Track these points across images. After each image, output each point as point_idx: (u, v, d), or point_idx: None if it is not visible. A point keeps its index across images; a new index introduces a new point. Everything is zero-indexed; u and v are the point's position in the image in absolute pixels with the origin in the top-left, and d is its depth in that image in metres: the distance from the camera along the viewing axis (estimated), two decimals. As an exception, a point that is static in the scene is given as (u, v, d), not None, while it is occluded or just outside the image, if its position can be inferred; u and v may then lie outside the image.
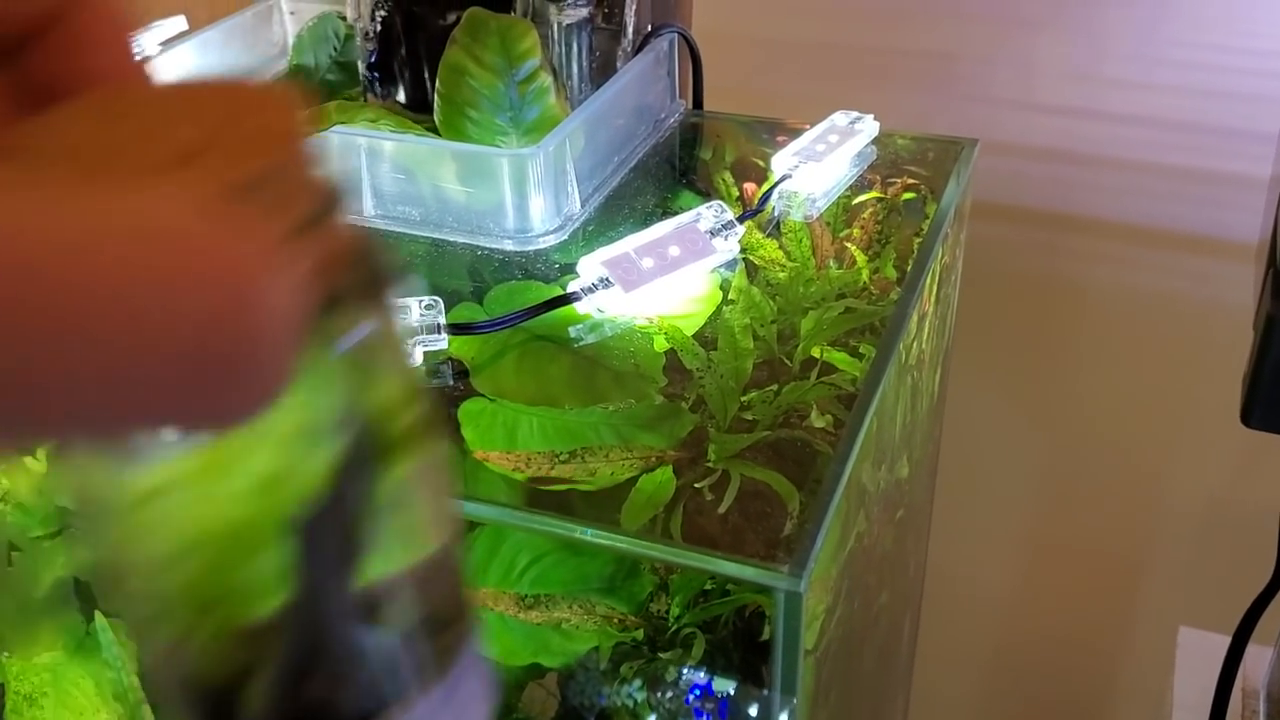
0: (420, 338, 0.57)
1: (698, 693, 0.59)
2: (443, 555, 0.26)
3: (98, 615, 0.72)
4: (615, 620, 0.58)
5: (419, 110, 0.78)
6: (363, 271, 0.22)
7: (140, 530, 0.22)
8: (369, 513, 0.23)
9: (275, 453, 0.22)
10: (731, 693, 0.58)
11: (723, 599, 0.56)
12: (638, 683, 0.61)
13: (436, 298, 0.59)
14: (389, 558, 0.24)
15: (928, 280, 0.66)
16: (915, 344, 0.67)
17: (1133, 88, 0.94)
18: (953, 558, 1.10)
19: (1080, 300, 1.01)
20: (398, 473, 0.24)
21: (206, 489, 0.22)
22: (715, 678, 0.58)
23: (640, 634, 0.57)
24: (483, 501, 0.52)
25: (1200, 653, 0.97)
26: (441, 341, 0.58)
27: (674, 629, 0.57)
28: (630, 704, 0.61)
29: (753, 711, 0.57)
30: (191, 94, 0.21)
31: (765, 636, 0.53)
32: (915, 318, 0.64)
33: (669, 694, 0.60)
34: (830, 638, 0.56)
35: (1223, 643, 0.95)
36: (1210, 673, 0.92)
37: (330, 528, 0.23)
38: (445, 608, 0.27)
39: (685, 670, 0.58)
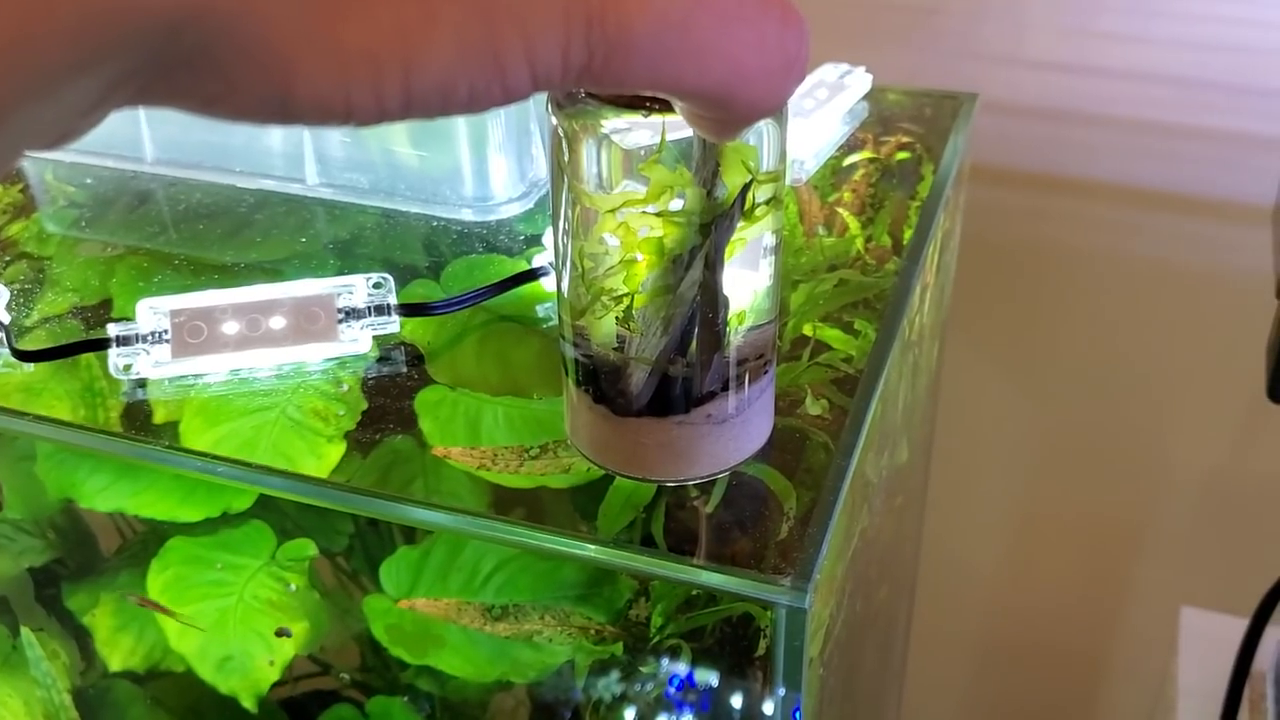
0: (368, 320, 0.51)
1: (678, 683, 0.54)
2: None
3: (24, 630, 0.66)
4: (591, 631, 0.52)
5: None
6: None
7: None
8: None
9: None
10: (714, 684, 0.53)
11: (710, 608, 0.50)
12: (615, 674, 0.55)
13: (386, 275, 0.53)
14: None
15: (930, 249, 0.60)
16: (918, 318, 0.61)
17: (1130, 41, 0.89)
18: (946, 536, 1.05)
19: (1076, 267, 0.96)
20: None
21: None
22: (697, 670, 0.53)
23: (619, 647, 0.52)
24: (442, 509, 0.46)
25: (1203, 634, 0.93)
26: (393, 324, 0.52)
27: (656, 639, 0.52)
28: (608, 697, 0.56)
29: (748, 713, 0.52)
30: None
31: (761, 651, 0.48)
32: (918, 290, 0.58)
33: (649, 685, 0.54)
34: (833, 642, 0.50)
35: (1227, 623, 0.91)
36: (1214, 654, 0.88)
37: (722, 242, 0.37)
38: (765, 344, 0.42)
39: (665, 659, 0.53)
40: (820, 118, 0.66)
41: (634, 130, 0.36)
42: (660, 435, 0.41)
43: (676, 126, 0.35)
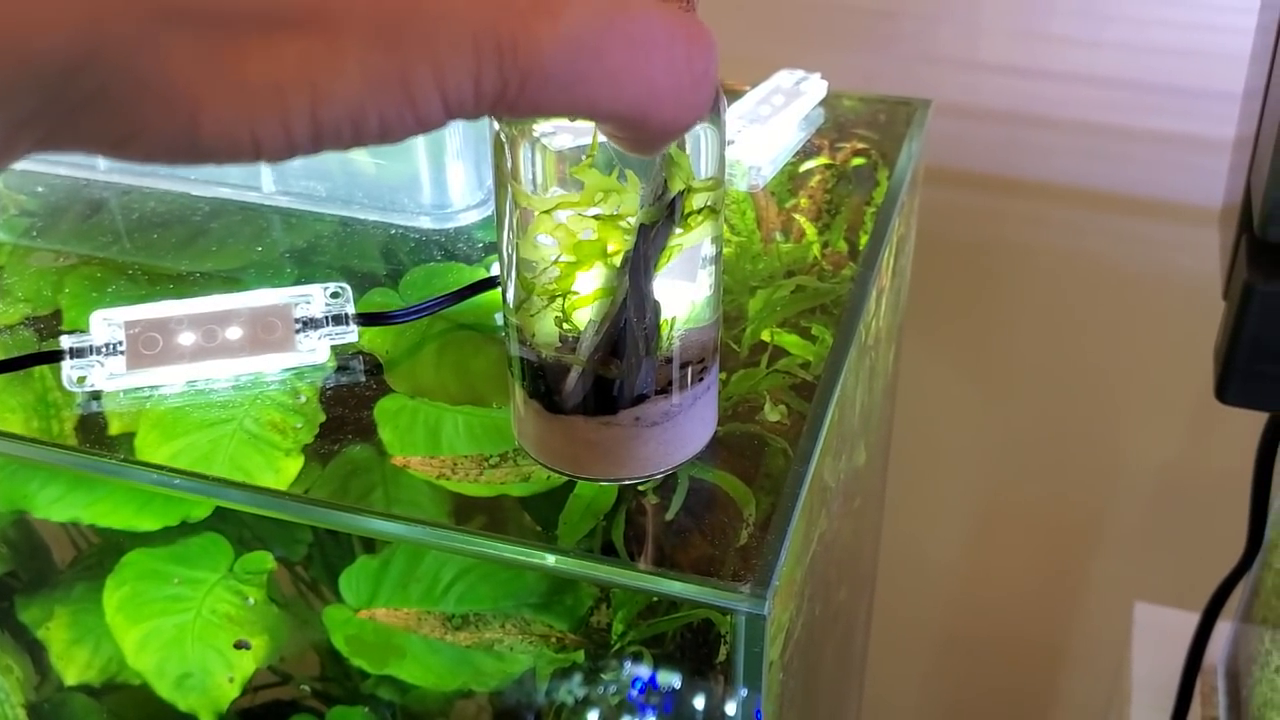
0: (326, 330, 0.51)
1: (640, 687, 0.54)
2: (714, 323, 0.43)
3: (-24, 643, 0.65)
4: (553, 640, 0.52)
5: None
6: None
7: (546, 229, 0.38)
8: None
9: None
10: (676, 688, 0.53)
11: (671, 615, 0.51)
12: (577, 678, 0.56)
13: (344, 284, 0.52)
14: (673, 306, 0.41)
15: (885, 254, 0.61)
16: (874, 322, 0.62)
17: (1083, 45, 0.90)
18: (902, 533, 1.06)
19: (1030, 267, 0.97)
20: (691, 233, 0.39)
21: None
22: (660, 672, 0.53)
23: (581, 655, 0.52)
24: (402, 520, 0.46)
25: (1157, 629, 0.94)
26: (351, 334, 0.51)
27: (618, 646, 0.52)
28: (570, 701, 0.56)
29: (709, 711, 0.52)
30: None
31: (722, 658, 0.48)
32: (874, 295, 0.58)
33: (611, 690, 0.54)
34: (792, 644, 0.51)
35: (1179, 618, 0.92)
36: (1167, 649, 0.89)
37: (651, 248, 0.38)
38: (704, 349, 0.43)
39: (628, 664, 0.53)
40: (776, 124, 0.66)
41: (559, 134, 0.37)
42: (589, 434, 0.42)
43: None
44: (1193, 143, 0.89)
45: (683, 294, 0.41)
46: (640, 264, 0.39)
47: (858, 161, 0.68)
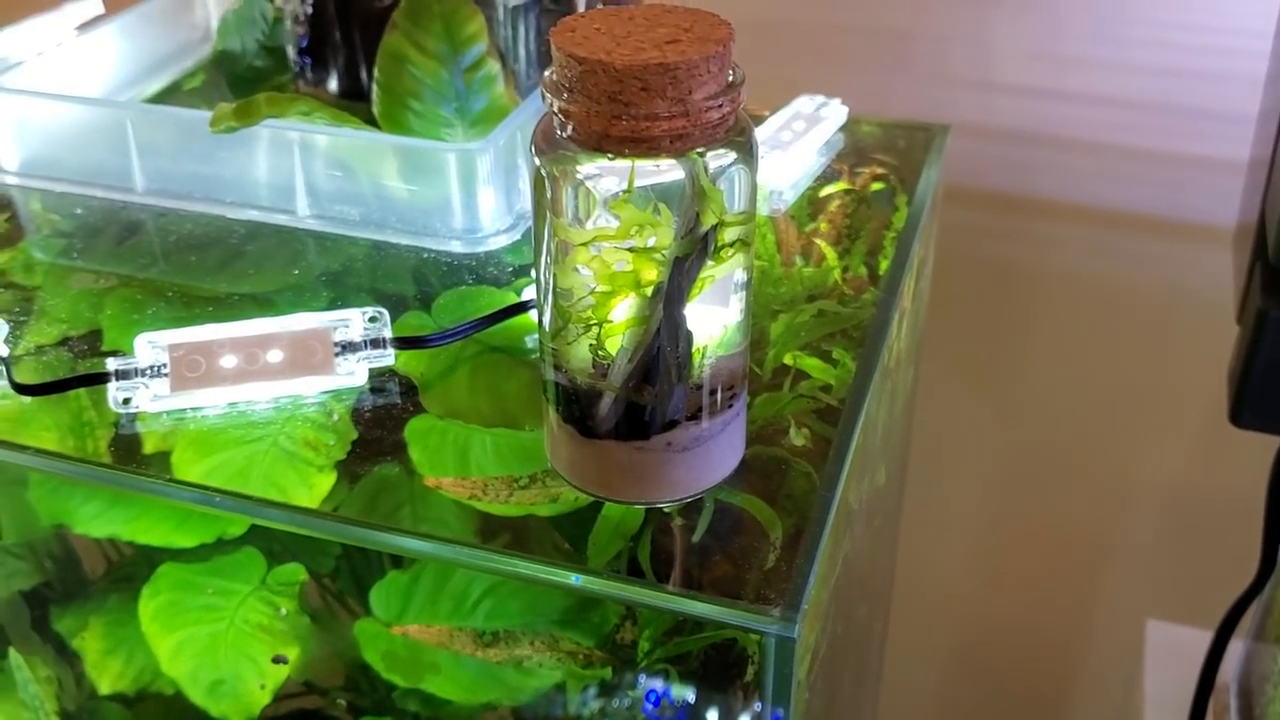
0: (364, 353, 0.52)
1: (656, 700, 0.55)
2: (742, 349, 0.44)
3: (12, 653, 0.67)
4: (580, 656, 0.53)
5: (353, 99, 0.73)
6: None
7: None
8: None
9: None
10: (700, 706, 0.54)
11: (697, 635, 0.52)
12: (592, 691, 0.57)
13: (382, 309, 0.54)
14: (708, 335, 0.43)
15: (907, 279, 0.62)
16: (895, 345, 0.63)
17: (1095, 67, 0.91)
18: (916, 551, 1.07)
19: (1043, 286, 0.98)
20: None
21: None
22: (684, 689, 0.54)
23: (608, 672, 0.53)
24: (434, 539, 0.48)
25: (1170, 646, 0.95)
26: (388, 357, 0.53)
27: (644, 664, 0.53)
28: (586, 714, 0.57)
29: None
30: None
31: (749, 677, 0.49)
32: (896, 319, 0.60)
33: (626, 702, 0.56)
34: (818, 663, 0.52)
35: (1191, 635, 0.93)
36: (1180, 667, 0.90)
37: (686, 280, 0.40)
38: (733, 376, 0.44)
39: (654, 680, 0.54)
40: (798, 150, 0.68)
41: (605, 176, 0.39)
42: (621, 458, 0.44)
43: (645, 172, 0.38)
44: (1206, 164, 0.91)
45: (715, 320, 0.43)
46: (674, 295, 0.41)
47: (877, 186, 0.69)
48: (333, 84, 0.74)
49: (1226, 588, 0.77)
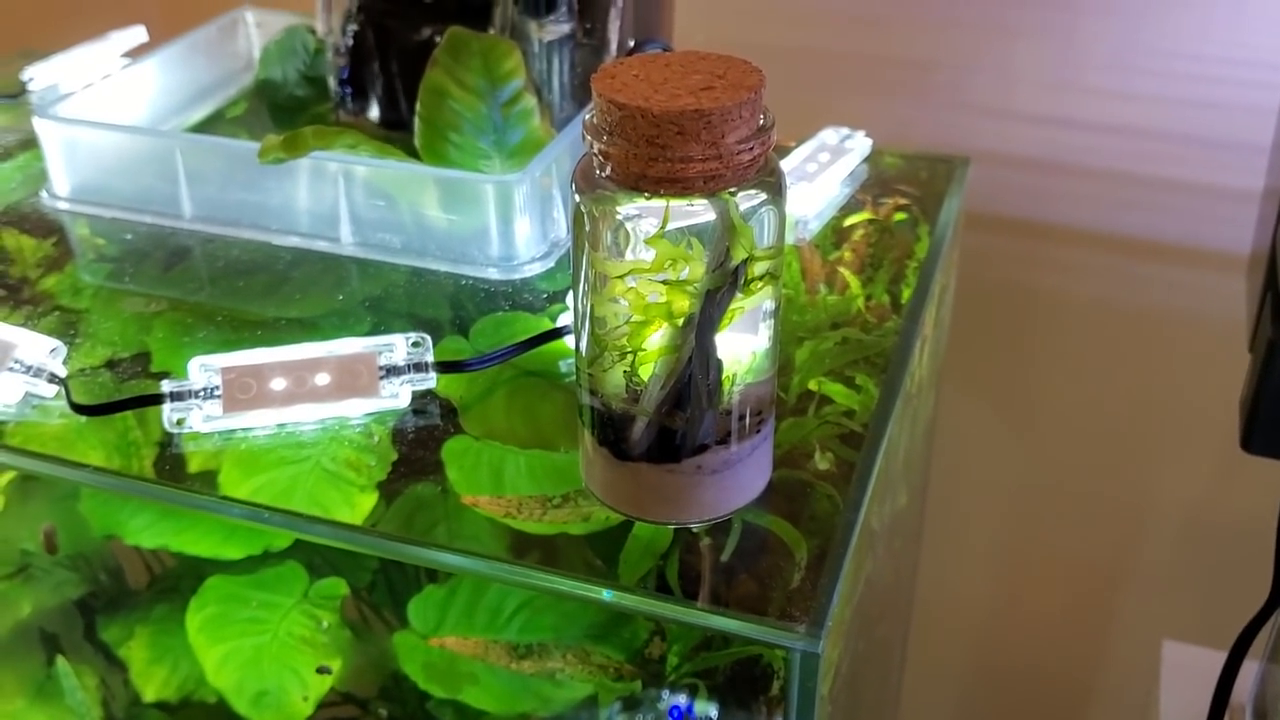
0: (407, 377, 0.55)
1: (678, 715, 0.57)
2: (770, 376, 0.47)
3: (60, 660, 0.69)
4: (611, 670, 0.55)
5: (393, 128, 0.76)
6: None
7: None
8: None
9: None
10: (713, 716, 0.56)
11: (724, 650, 0.54)
12: (617, 705, 0.59)
13: (425, 335, 0.56)
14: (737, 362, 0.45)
15: (929, 307, 0.64)
16: (917, 371, 0.65)
17: (1113, 97, 0.93)
18: (935, 571, 1.09)
19: (1062, 312, 1.00)
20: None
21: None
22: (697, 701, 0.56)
23: (638, 685, 0.55)
24: (469, 554, 0.50)
25: (1185, 667, 0.96)
26: (430, 380, 0.55)
27: (673, 677, 0.55)
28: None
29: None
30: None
31: (774, 691, 0.51)
32: (919, 347, 0.62)
33: (650, 716, 0.58)
34: (840, 680, 0.54)
35: (1207, 656, 0.94)
36: (1195, 687, 0.91)
37: (717, 311, 0.42)
38: (761, 402, 0.46)
39: (681, 694, 0.56)
40: (822, 181, 0.70)
41: (644, 217, 0.41)
42: (653, 480, 0.46)
43: (680, 210, 0.41)
44: (1221, 193, 0.92)
45: (744, 348, 0.45)
46: (705, 325, 0.43)
47: (899, 217, 0.71)
48: (373, 113, 0.76)
49: (1240, 609, 0.78)
